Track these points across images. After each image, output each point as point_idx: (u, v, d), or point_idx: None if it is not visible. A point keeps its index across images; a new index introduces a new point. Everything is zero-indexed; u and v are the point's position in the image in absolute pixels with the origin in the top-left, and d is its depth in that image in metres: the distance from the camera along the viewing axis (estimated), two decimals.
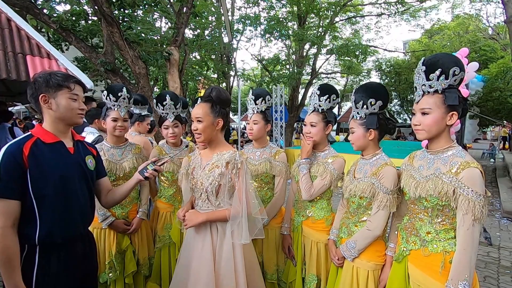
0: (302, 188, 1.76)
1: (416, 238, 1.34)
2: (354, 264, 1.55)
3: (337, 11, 11.81)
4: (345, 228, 1.64)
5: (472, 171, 1.17)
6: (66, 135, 1.37)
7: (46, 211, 1.23)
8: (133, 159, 2.07)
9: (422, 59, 1.32)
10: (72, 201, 1.30)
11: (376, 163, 1.54)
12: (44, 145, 1.26)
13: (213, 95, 1.51)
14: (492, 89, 8.42)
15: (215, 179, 1.48)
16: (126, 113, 2.02)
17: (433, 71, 1.25)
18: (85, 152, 1.43)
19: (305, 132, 1.85)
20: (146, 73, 5.74)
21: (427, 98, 1.28)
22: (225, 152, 1.53)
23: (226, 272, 1.46)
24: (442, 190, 1.21)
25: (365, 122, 1.54)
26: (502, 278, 3.12)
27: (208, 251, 1.48)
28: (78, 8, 6.46)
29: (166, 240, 2.17)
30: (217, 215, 1.50)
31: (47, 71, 1.30)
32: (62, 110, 1.28)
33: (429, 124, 1.27)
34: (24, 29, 4.61)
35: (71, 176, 1.31)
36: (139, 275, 2.14)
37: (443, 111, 1.25)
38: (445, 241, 1.26)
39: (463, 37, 12.64)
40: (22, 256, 1.21)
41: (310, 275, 1.81)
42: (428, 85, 1.27)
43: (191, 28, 10.59)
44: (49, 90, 1.26)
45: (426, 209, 1.30)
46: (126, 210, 2.06)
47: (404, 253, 1.37)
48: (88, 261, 1.42)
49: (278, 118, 9.32)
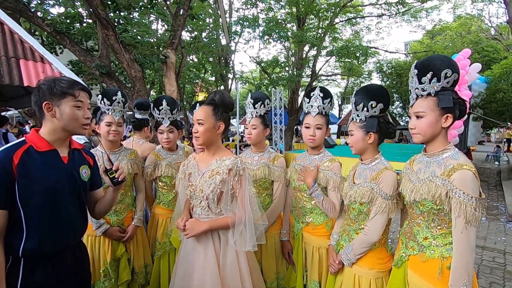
0: (328, 211, 1.74)
1: (414, 244, 1.33)
2: (356, 273, 1.52)
3: (337, 12, 11.74)
4: (346, 235, 1.61)
5: (464, 173, 1.17)
6: (63, 143, 1.33)
7: (34, 222, 1.20)
8: (128, 164, 2.04)
9: (415, 62, 1.33)
10: (61, 213, 1.27)
11: (375, 168, 1.51)
12: (36, 154, 1.23)
13: (216, 98, 1.51)
14: (496, 90, 8.33)
15: (216, 186, 1.46)
16: (120, 117, 2.01)
17: (425, 74, 1.25)
18: (80, 162, 1.39)
19: (309, 135, 1.79)
20: (142, 76, 5.67)
21: (420, 101, 1.28)
22: (225, 158, 1.51)
23: (232, 279, 1.46)
24: (435, 193, 1.21)
25: (364, 125, 1.52)
26: (508, 284, 3.06)
27: (212, 260, 1.46)
28: (72, 11, 6.43)
29: (167, 246, 2.13)
30: (220, 223, 1.49)
31: (52, 78, 1.28)
32: (66, 118, 1.26)
33: (423, 128, 1.27)
34: (17, 33, 4.55)
35: (62, 187, 1.27)
36: (134, 284, 2.10)
37: (437, 113, 1.25)
38: (443, 246, 1.25)
39: (465, 37, 12.54)
40: (7, 267, 1.18)
41: (312, 282, 1.79)
42: (421, 89, 1.28)
43: (188, 30, 10.57)
44: (53, 97, 1.24)
45: (422, 214, 1.30)
46: (121, 217, 2.03)
47: (403, 258, 1.36)
48: (79, 272, 1.38)
49: (277, 121, 9.22)
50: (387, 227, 1.51)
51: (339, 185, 1.71)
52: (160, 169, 2.17)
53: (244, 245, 1.45)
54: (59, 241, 1.26)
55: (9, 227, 1.17)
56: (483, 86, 8.23)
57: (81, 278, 1.40)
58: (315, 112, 1.78)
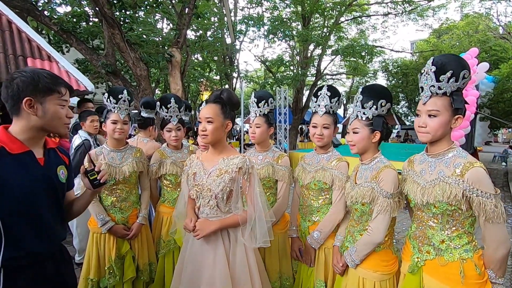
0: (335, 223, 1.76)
1: (429, 248, 1.30)
2: (360, 275, 1.50)
3: (342, 11, 11.65)
4: (350, 236, 1.61)
5: (478, 171, 1.16)
6: (39, 143, 1.22)
7: (12, 229, 1.11)
8: (133, 162, 2.05)
9: (432, 59, 1.28)
10: (39, 219, 1.18)
11: (376, 167, 1.51)
12: (9, 156, 1.11)
13: (224, 96, 1.51)
14: (503, 90, 8.23)
15: (226, 185, 1.46)
16: (126, 116, 2.02)
17: (444, 72, 1.22)
18: (57, 162, 1.29)
19: (317, 134, 1.78)
20: (147, 75, 5.69)
21: (435, 99, 1.25)
22: (234, 157, 1.50)
23: (241, 277, 1.46)
24: (450, 194, 1.19)
25: (371, 123, 1.51)
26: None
27: (222, 259, 1.47)
28: (79, 10, 6.47)
29: (171, 244, 2.15)
30: (230, 222, 1.50)
31: (31, 70, 1.14)
32: (48, 117, 1.15)
33: (435, 127, 1.25)
34: (25, 32, 4.60)
35: (38, 192, 1.17)
36: (138, 281, 2.12)
37: (450, 114, 1.24)
38: (461, 247, 1.24)
39: (472, 36, 12.35)
40: None
41: (318, 281, 1.79)
42: (437, 86, 1.24)
43: (193, 29, 10.56)
44: (36, 94, 1.12)
45: (435, 216, 1.27)
46: (126, 215, 2.04)
47: (418, 264, 1.32)
48: (63, 276, 1.30)
49: (282, 120, 9.21)
50: (391, 227, 1.50)
51: (344, 184, 1.71)
52: (165, 167, 2.19)
53: (255, 241, 1.45)
54: (38, 248, 1.19)
55: None
56: (490, 86, 8.12)
57: (66, 283, 1.33)
58: (322, 111, 1.77)
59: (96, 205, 1.95)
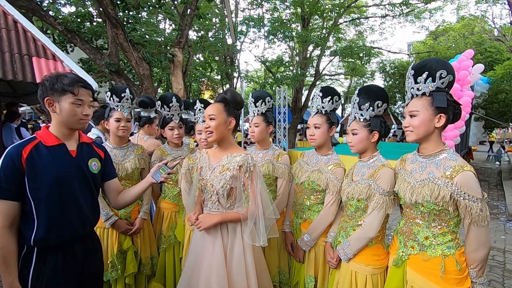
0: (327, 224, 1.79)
1: (414, 243, 1.34)
2: (352, 268, 1.54)
3: (341, 13, 11.75)
4: (343, 232, 1.63)
5: (467, 175, 1.19)
6: (71, 137, 1.37)
7: (43, 213, 1.24)
8: (136, 159, 2.09)
9: (412, 64, 1.37)
10: (69, 204, 1.30)
11: (373, 165, 1.55)
12: (44, 148, 1.27)
13: (227, 95, 1.55)
14: (498, 91, 8.37)
15: (227, 182, 1.48)
16: (129, 113, 2.04)
17: (421, 74, 1.29)
18: (90, 155, 1.43)
19: (309, 134, 1.85)
20: (150, 74, 5.77)
21: (415, 101, 1.31)
22: (236, 155, 1.52)
23: (237, 273, 1.47)
24: (438, 195, 1.22)
25: (369, 124, 1.55)
26: (508, 282, 3.11)
27: (219, 252, 1.49)
28: (83, 10, 6.53)
29: (171, 239, 2.20)
30: (231, 216, 1.52)
31: (56, 74, 1.29)
32: (64, 115, 1.29)
33: (416, 126, 1.29)
34: (30, 31, 4.65)
35: (69, 179, 1.30)
36: (140, 275, 2.16)
37: (430, 113, 1.27)
38: (443, 244, 1.27)
39: (468, 38, 12.50)
40: (21, 255, 1.24)
41: (308, 276, 1.83)
42: (416, 88, 1.31)
43: (195, 30, 10.61)
44: (54, 93, 1.27)
45: (422, 214, 1.31)
46: (128, 210, 2.07)
47: (403, 257, 1.37)
48: (90, 261, 1.41)
49: (281, 119, 9.29)
50: (384, 224, 1.53)
51: (338, 189, 1.72)
52: None
53: (255, 239, 1.47)
54: (68, 231, 1.30)
55: (22, 218, 1.24)
56: (485, 87, 8.27)
57: (93, 269, 1.43)
58: (314, 112, 1.83)
59: (100, 200, 1.98)
